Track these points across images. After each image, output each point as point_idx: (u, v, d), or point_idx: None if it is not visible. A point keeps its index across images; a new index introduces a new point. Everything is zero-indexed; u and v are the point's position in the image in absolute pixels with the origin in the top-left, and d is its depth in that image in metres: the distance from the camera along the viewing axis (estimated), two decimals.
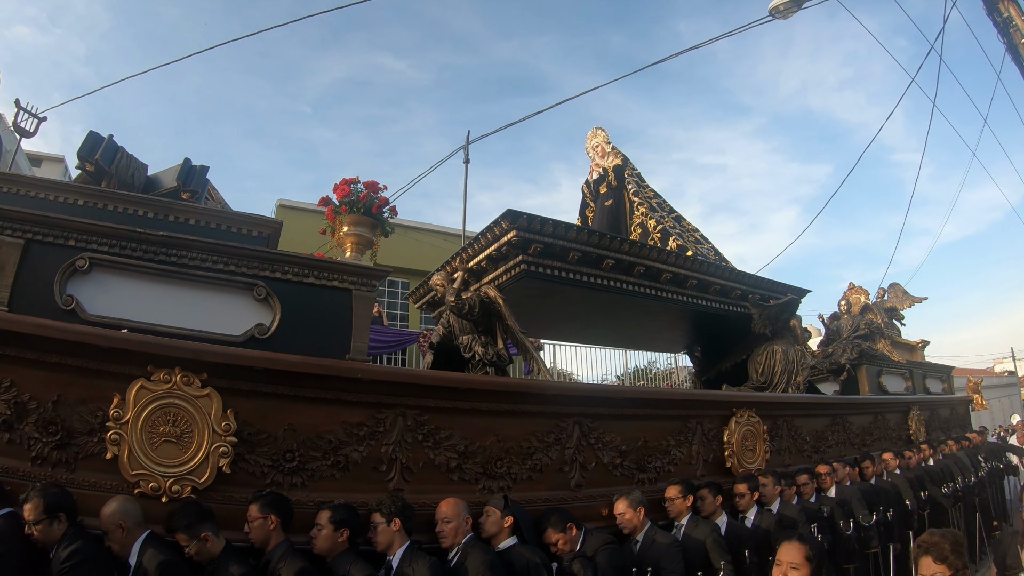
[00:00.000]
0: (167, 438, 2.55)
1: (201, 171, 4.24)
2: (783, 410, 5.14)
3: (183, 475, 2.53)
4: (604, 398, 3.88)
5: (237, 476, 2.63)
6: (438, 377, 3.38)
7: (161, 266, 3.32)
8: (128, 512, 2.36)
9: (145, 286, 3.34)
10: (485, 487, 3.14)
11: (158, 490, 2.49)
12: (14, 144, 9.53)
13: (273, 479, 2.70)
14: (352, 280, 3.68)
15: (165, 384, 2.58)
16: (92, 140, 4.00)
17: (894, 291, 9.05)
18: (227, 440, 2.61)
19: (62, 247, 3.29)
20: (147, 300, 3.31)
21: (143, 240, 3.33)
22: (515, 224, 4.11)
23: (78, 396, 2.54)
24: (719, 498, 4.01)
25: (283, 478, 2.71)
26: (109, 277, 3.33)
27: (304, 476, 2.76)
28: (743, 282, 5.50)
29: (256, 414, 2.70)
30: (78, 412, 2.53)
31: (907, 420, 6.82)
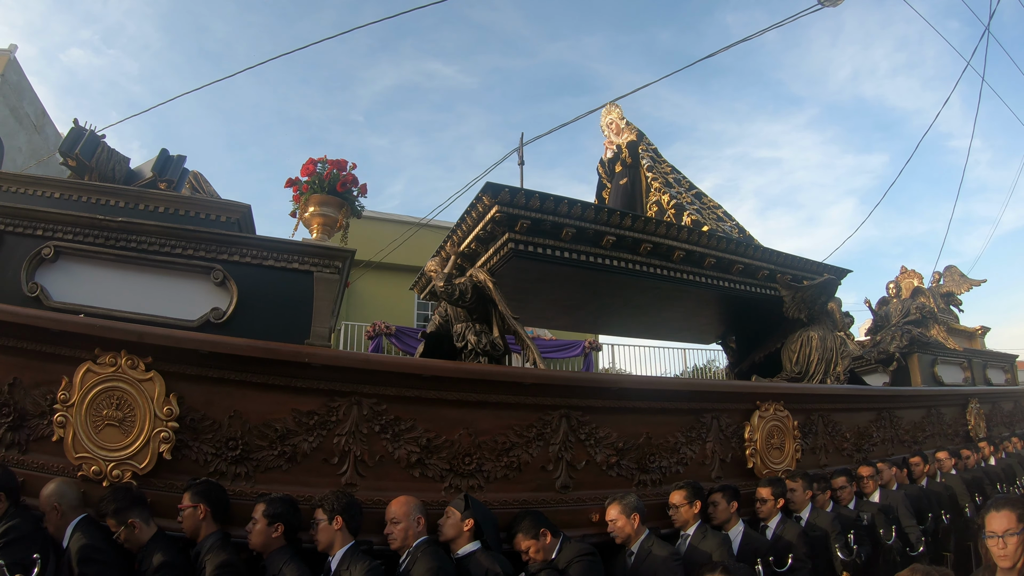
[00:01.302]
0: (110, 421, 2.44)
1: (178, 161, 4.10)
2: (818, 403, 4.40)
3: (124, 460, 2.42)
4: (597, 388, 3.33)
5: (179, 463, 2.48)
6: (398, 363, 3.04)
7: (122, 252, 3.25)
8: (64, 494, 2.30)
9: (107, 272, 3.27)
10: (452, 485, 2.78)
11: (99, 474, 2.40)
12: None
13: (216, 467, 2.52)
14: (314, 261, 3.40)
15: (111, 367, 2.48)
16: (73, 135, 3.92)
17: (950, 274, 7.91)
18: (168, 425, 2.46)
19: (31, 236, 3.26)
20: (109, 286, 3.24)
21: (104, 227, 3.25)
22: (497, 199, 3.61)
23: (32, 379, 2.50)
24: (734, 504, 3.40)
25: (226, 467, 2.52)
26: (74, 265, 3.29)
27: (249, 466, 2.55)
28: (771, 261, 4.77)
29: (202, 399, 2.54)
30: (31, 395, 2.49)
31: (965, 414, 5.86)
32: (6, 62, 10.01)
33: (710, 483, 3.61)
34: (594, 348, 12.26)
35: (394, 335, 10.12)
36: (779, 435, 4.01)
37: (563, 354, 12.07)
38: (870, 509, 4.03)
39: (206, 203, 3.77)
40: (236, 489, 2.50)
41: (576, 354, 12.08)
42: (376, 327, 9.86)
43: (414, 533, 2.45)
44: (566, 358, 12.07)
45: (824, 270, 5.13)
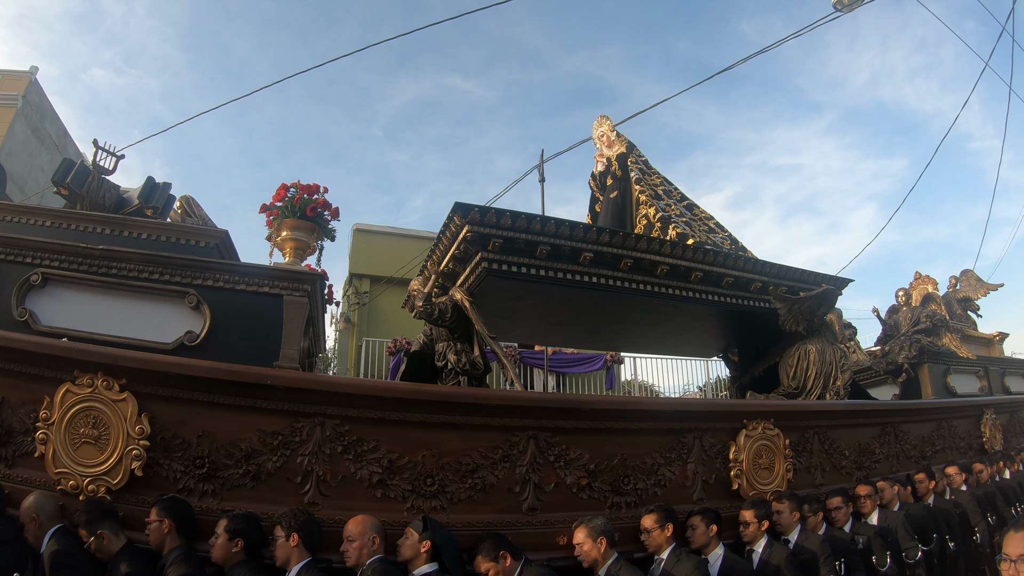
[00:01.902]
0: (87, 439, 2.56)
1: (163, 188, 4.26)
2: (813, 420, 4.18)
3: (99, 475, 2.53)
4: (566, 409, 3.22)
5: (150, 479, 2.57)
6: (360, 385, 3.04)
7: (104, 278, 3.38)
8: (42, 506, 2.43)
9: (91, 297, 3.40)
10: (414, 506, 2.76)
11: (77, 488, 2.51)
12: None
13: (185, 484, 2.59)
14: (284, 285, 3.48)
15: (88, 388, 2.59)
16: (64, 167, 4.09)
17: (966, 279, 7.43)
18: (140, 444, 2.57)
19: (21, 264, 3.41)
20: (93, 310, 3.37)
21: (87, 254, 3.39)
22: (467, 218, 3.55)
23: (19, 398, 2.62)
24: (713, 527, 3.24)
25: (195, 484, 2.59)
26: (61, 290, 3.42)
27: (216, 483, 2.62)
28: (764, 273, 4.57)
29: (173, 419, 2.63)
30: (18, 413, 2.60)
31: (980, 426, 5.48)
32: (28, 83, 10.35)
33: (691, 505, 3.46)
34: (616, 361, 12.05)
35: None
36: (768, 455, 3.81)
37: (585, 368, 11.85)
38: (866, 531, 3.80)
39: (185, 229, 3.88)
40: (203, 505, 2.56)
41: (598, 368, 11.87)
42: (397, 343, 9.87)
43: (369, 552, 2.46)
44: (588, 372, 11.86)
45: (822, 280, 4.89)
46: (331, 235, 3.86)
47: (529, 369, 11.13)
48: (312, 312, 3.90)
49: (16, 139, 9.94)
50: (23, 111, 10.14)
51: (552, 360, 11.04)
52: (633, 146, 5.24)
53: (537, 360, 10.72)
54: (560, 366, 11.45)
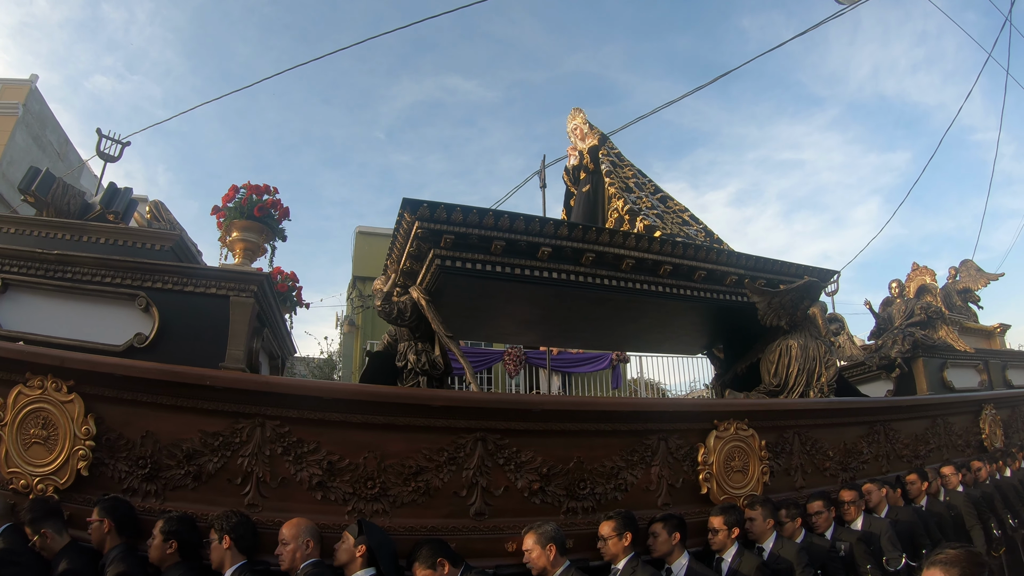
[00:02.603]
0: (36, 440, 2.58)
1: (124, 193, 4.23)
2: (792, 419, 3.87)
3: (47, 475, 2.55)
4: (517, 410, 3.01)
5: (96, 479, 2.58)
6: (299, 385, 2.92)
7: (59, 283, 3.35)
8: None
9: (49, 302, 3.39)
10: (355, 509, 2.65)
11: (27, 487, 2.54)
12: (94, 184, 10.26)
13: (129, 484, 2.58)
14: (230, 286, 3.38)
15: (38, 390, 2.62)
16: (30, 175, 4.06)
17: (966, 269, 6.97)
18: (86, 444, 2.58)
19: None
20: (51, 314, 3.36)
21: (43, 260, 3.37)
22: (416, 214, 3.35)
23: None
24: (676, 535, 2.99)
25: (138, 484, 2.58)
26: (22, 295, 3.42)
27: (159, 484, 2.60)
28: (740, 265, 4.28)
29: (119, 420, 2.63)
30: None
31: (978, 422, 5.10)
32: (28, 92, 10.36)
33: (656, 511, 3.21)
34: (622, 360, 11.73)
35: None
36: (742, 457, 3.53)
37: (590, 367, 11.55)
38: (849, 538, 3.49)
39: (141, 233, 3.80)
40: (146, 505, 2.55)
41: (603, 367, 11.58)
42: None
43: (302, 555, 2.39)
44: (593, 371, 11.56)
45: (804, 272, 4.58)
46: (281, 235, 3.69)
47: (535, 370, 10.88)
48: (265, 313, 3.73)
49: (17, 147, 9.96)
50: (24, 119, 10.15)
51: (556, 360, 10.80)
52: (606, 138, 4.98)
53: (543, 360, 10.49)
54: (565, 366, 11.19)
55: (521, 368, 10.85)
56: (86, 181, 11.32)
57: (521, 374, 10.85)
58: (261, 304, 3.54)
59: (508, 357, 10.68)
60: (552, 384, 10.90)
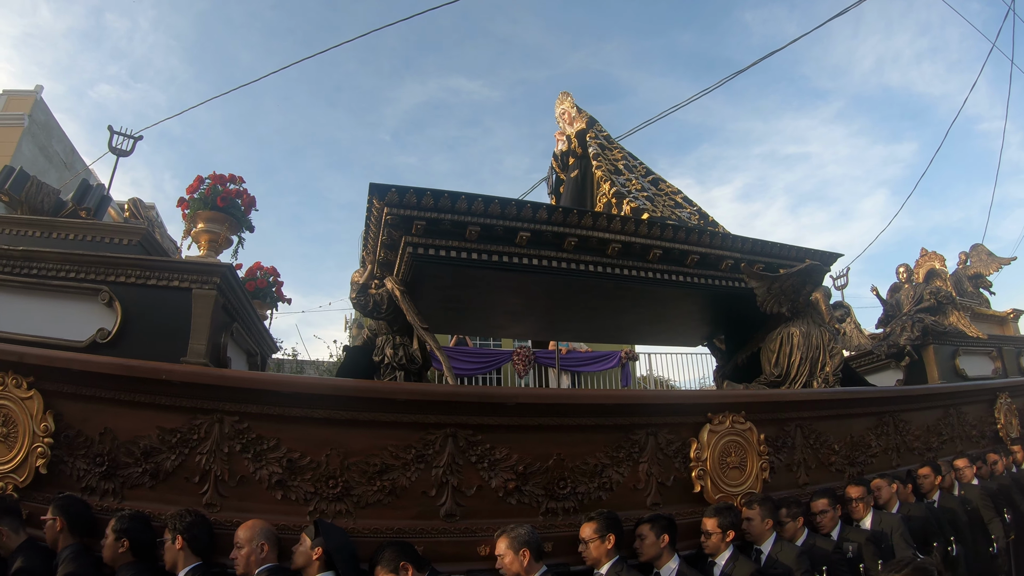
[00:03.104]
0: None
1: (97, 189, 4.16)
2: (794, 411, 3.57)
3: (7, 473, 2.46)
4: (489, 404, 2.78)
5: (55, 477, 2.49)
6: (259, 379, 2.75)
7: (24, 279, 3.25)
8: None
9: (14, 298, 3.27)
10: (317, 509, 2.48)
11: None
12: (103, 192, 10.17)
13: (88, 483, 2.48)
14: (193, 279, 3.20)
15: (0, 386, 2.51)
16: (4, 173, 3.96)
17: (976, 253, 6.56)
18: (44, 441, 2.49)
19: None
20: (16, 311, 3.25)
21: (8, 256, 3.26)
22: (385, 200, 3.11)
23: None
24: (665, 537, 2.73)
25: (96, 482, 2.47)
26: None
27: (116, 482, 2.48)
28: (736, 248, 3.98)
29: (78, 417, 2.52)
30: None
31: (993, 411, 4.74)
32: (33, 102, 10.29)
33: (645, 511, 2.95)
34: (631, 358, 11.41)
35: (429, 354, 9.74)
36: (739, 452, 3.24)
37: (599, 366, 11.20)
38: (857, 538, 3.19)
39: (107, 227, 3.69)
40: (104, 504, 2.45)
41: (612, 365, 11.23)
42: None
43: (257, 559, 2.26)
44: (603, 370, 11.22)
45: (806, 255, 4.27)
46: (248, 225, 3.47)
47: (544, 369, 10.58)
48: (233, 306, 3.51)
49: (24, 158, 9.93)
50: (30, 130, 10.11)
51: (565, 359, 10.51)
52: (594, 121, 4.70)
53: (552, 360, 10.22)
54: (574, 365, 10.85)
55: (530, 368, 10.56)
56: None
57: (531, 374, 10.57)
58: (226, 297, 3.32)
59: (517, 357, 10.41)
60: (561, 383, 10.60)
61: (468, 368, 9.83)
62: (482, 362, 10.12)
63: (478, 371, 9.98)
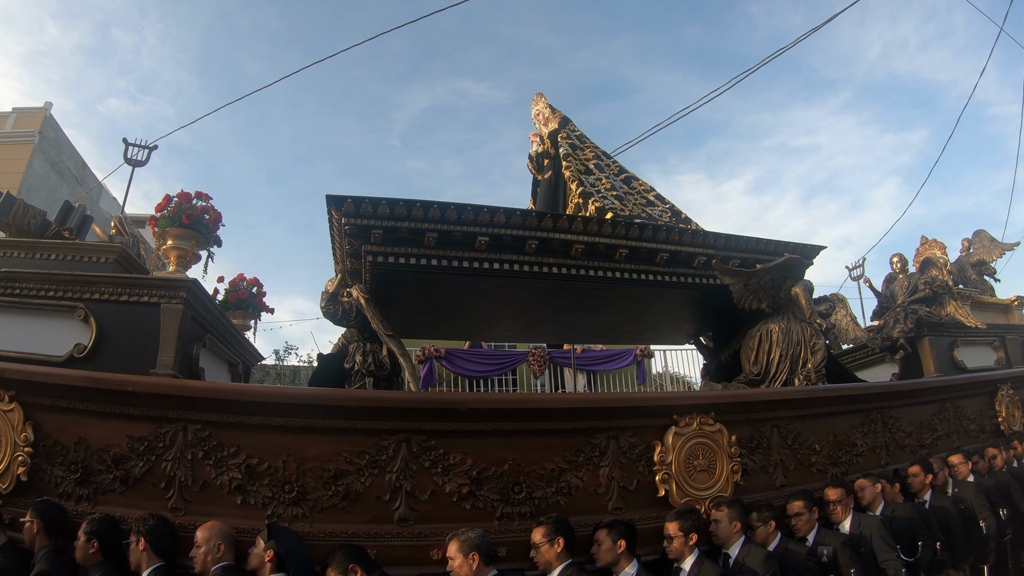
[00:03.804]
0: None
1: (79, 210, 4.25)
2: (770, 411, 3.41)
3: None
4: (443, 410, 2.74)
5: (36, 485, 2.62)
6: (218, 389, 2.83)
7: (7, 299, 3.35)
8: None
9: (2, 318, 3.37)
10: (275, 513, 2.52)
11: None
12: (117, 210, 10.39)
13: (64, 489, 2.59)
14: (161, 294, 3.26)
15: None
16: None
17: (979, 240, 6.15)
18: (24, 451, 2.61)
19: None
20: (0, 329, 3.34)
21: None
22: (342, 211, 3.10)
23: None
24: (622, 543, 2.61)
25: (72, 488, 2.59)
26: None
27: (90, 488, 2.59)
28: (708, 245, 3.84)
29: (55, 427, 2.64)
30: None
31: (994, 404, 4.45)
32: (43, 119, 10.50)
33: (606, 515, 2.84)
34: (646, 355, 11.17)
35: (444, 358, 9.68)
36: (707, 454, 3.11)
37: (614, 365, 10.99)
38: (833, 542, 3.02)
39: (86, 247, 3.80)
40: (79, 509, 2.55)
41: (628, 363, 11.01)
42: (426, 351, 9.47)
43: (213, 559, 2.33)
44: (618, 368, 11.04)
45: (785, 249, 4.09)
46: (216, 241, 3.50)
47: (559, 369, 10.44)
48: (205, 319, 3.54)
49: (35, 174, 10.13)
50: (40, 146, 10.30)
51: (581, 358, 10.35)
52: (567, 121, 4.59)
53: (567, 360, 10.09)
54: (589, 364, 10.67)
55: (546, 368, 10.43)
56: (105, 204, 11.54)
57: (546, 374, 10.44)
58: (195, 309, 3.35)
59: (532, 358, 10.30)
60: (577, 383, 10.45)
61: (483, 370, 9.73)
62: (496, 364, 9.98)
63: (493, 373, 9.85)
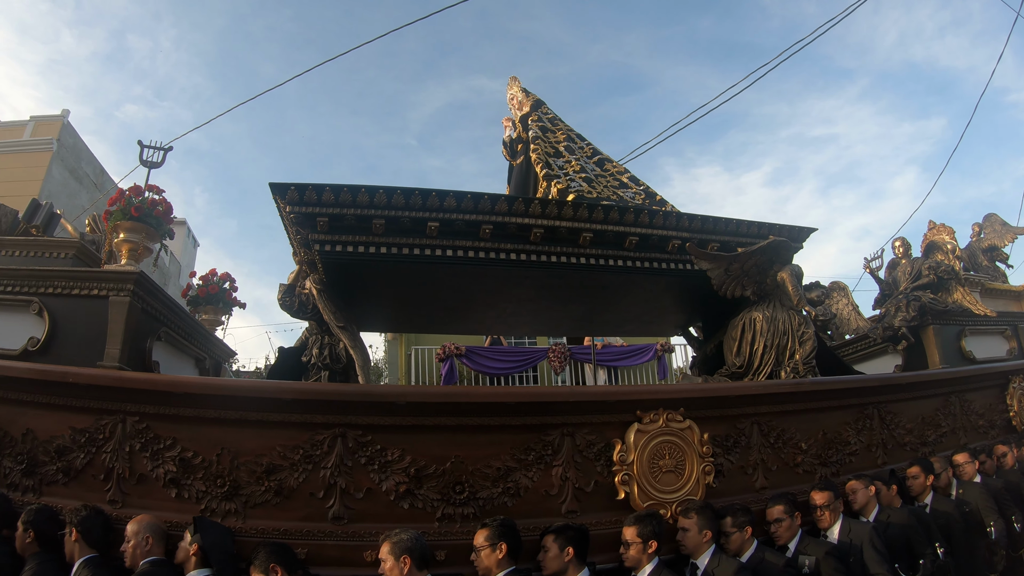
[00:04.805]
0: None
1: (46, 207, 4.24)
2: (748, 406, 3.07)
3: None
4: (379, 403, 2.51)
5: None
6: (151, 380, 2.70)
7: None
8: None
9: None
10: (209, 508, 2.42)
11: None
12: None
13: (12, 480, 2.53)
14: (110, 287, 3.17)
15: None
16: None
17: (990, 223, 5.58)
18: None
19: None
20: None
21: None
22: (286, 199, 2.88)
23: None
24: (570, 550, 2.33)
25: (19, 480, 2.54)
26: None
27: (35, 480, 2.53)
28: (684, 228, 3.51)
29: (6, 419, 2.57)
30: None
31: (1005, 397, 3.99)
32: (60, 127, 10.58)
33: (560, 519, 2.57)
34: (666, 350, 10.77)
35: (464, 355, 9.52)
36: (675, 454, 2.79)
37: (635, 360, 10.58)
38: (816, 551, 2.66)
39: (45, 243, 3.80)
40: (25, 500, 2.50)
41: (649, 358, 10.61)
42: (446, 349, 9.32)
43: (141, 552, 2.27)
44: (639, 364, 10.67)
45: (770, 232, 3.72)
46: (167, 233, 3.35)
47: (580, 365, 10.13)
48: (160, 312, 3.37)
49: (55, 181, 10.22)
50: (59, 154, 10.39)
51: (601, 353, 10.04)
52: (540, 104, 4.30)
53: (588, 355, 9.78)
54: (610, 359, 10.33)
55: (566, 364, 10.12)
56: None
57: (567, 370, 10.14)
58: (146, 302, 3.19)
59: (552, 353, 10.02)
60: (598, 378, 10.11)
61: (503, 367, 9.52)
62: (517, 360, 9.73)
63: (513, 370, 9.61)
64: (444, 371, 9.31)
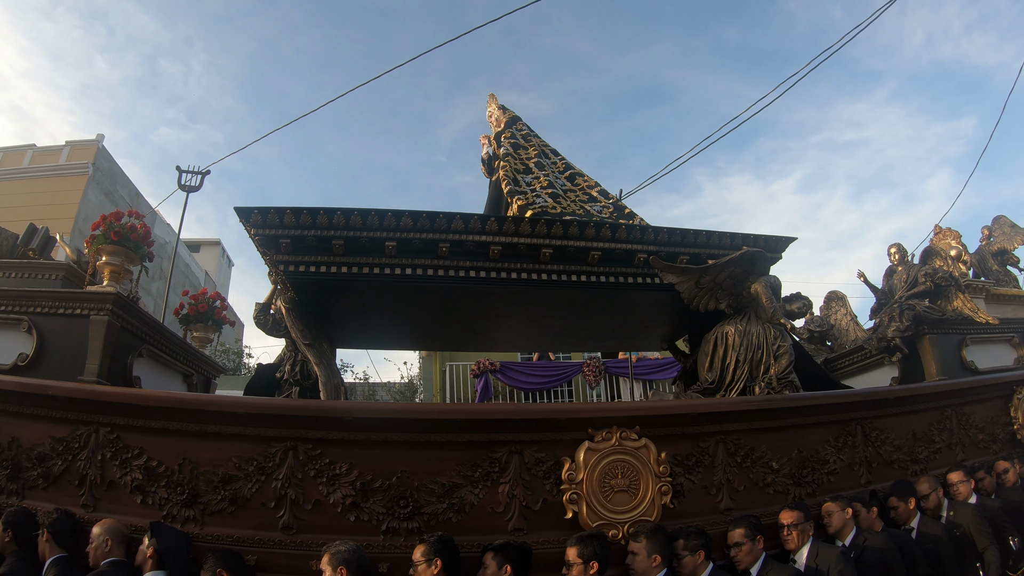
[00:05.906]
0: None
1: (43, 231, 4.48)
2: (712, 424, 2.94)
3: None
4: (329, 418, 2.59)
5: None
6: (120, 394, 2.86)
7: None
8: None
9: None
10: (170, 514, 2.54)
11: None
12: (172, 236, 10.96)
13: None
14: (90, 306, 3.39)
15: None
16: None
17: (999, 226, 5.12)
18: None
19: None
20: None
21: None
22: (251, 222, 3.01)
23: None
24: (507, 568, 2.31)
25: (4, 484, 2.70)
26: None
27: (19, 484, 2.70)
28: (650, 241, 3.42)
29: None
30: None
31: (1009, 410, 3.65)
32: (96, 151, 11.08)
33: (506, 536, 2.52)
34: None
35: (499, 371, 9.51)
36: (629, 473, 2.71)
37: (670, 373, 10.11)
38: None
39: (38, 266, 4.04)
40: (9, 502, 2.66)
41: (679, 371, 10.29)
42: (480, 365, 9.34)
43: (102, 554, 2.40)
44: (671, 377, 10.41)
45: (744, 242, 3.58)
46: (146, 256, 3.51)
47: (615, 379, 9.96)
48: (141, 330, 3.54)
49: (91, 205, 10.75)
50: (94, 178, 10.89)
51: (637, 367, 9.85)
52: (515, 120, 4.30)
53: (623, 369, 9.64)
54: (645, 373, 10.09)
55: (601, 378, 9.97)
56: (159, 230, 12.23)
57: (602, 384, 9.98)
58: (126, 321, 3.35)
59: (588, 368, 9.90)
60: (634, 392, 9.92)
61: (538, 382, 9.46)
62: (552, 375, 9.63)
63: (548, 384, 9.57)
64: (479, 387, 9.25)
